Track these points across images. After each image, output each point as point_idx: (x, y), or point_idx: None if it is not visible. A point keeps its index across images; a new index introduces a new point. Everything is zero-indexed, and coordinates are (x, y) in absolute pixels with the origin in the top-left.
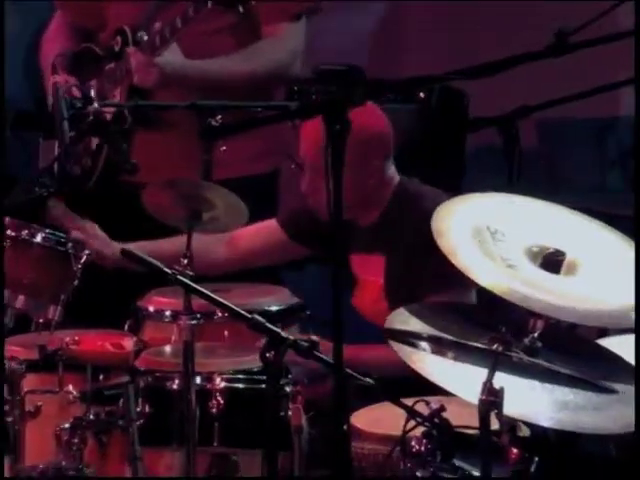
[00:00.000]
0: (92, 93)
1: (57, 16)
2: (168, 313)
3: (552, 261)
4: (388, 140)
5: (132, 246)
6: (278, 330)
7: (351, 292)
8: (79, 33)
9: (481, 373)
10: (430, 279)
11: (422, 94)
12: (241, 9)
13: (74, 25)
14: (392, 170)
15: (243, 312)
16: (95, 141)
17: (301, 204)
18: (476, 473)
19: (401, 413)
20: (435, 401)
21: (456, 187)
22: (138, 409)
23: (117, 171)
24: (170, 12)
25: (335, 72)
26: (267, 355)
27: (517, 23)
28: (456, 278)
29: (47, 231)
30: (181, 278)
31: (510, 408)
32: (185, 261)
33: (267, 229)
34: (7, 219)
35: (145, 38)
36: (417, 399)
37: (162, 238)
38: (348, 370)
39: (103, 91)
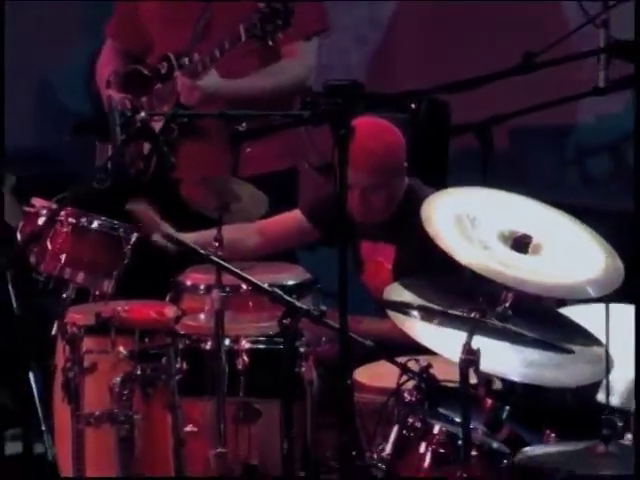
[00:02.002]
0: (143, 107)
1: (108, 43)
2: (202, 287)
3: (520, 243)
4: (405, 151)
5: (194, 235)
6: (293, 301)
7: (355, 271)
8: (126, 57)
9: (461, 336)
10: (436, 266)
11: (413, 105)
12: (270, 43)
13: (123, 51)
14: (404, 176)
15: (264, 286)
16: (147, 148)
17: (323, 196)
18: (457, 419)
19: (395, 369)
20: (423, 360)
21: (441, 183)
22: (177, 366)
23: (161, 169)
24: (207, 41)
25: (341, 87)
26: (284, 322)
27: (492, 44)
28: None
29: (102, 218)
30: (213, 257)
31: (485, 365)
32: (216, 244)
33: (292, 219)
34: (69, 208)
35: (187, 63)
36: (409, 358)
37: (196, 224)
38: (351, 334)
39: (153, 107)
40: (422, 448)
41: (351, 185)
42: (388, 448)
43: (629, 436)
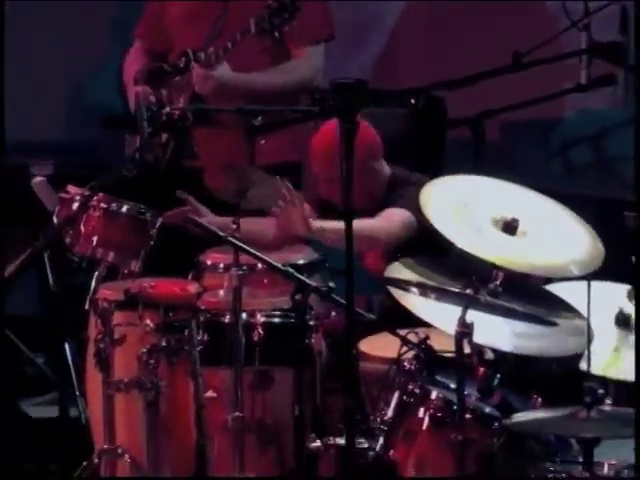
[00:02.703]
0: (163, 99)
1: (136, 44)
2: (221, 265)
3: (510, 226)
4: (377, 146)
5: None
6: (304, 278)
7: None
8: (151, 55)
9: (456, 311)
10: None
11: (412, 101)
12: (277, 34)
13: (149, 50)
14: (384, 166)
15: (278, 265)
16: (164, 136)
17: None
18: (452, 386)
19: (396, 341)
20: (422, 332)
21: (438, 171)
22: (199, 338)
23: (182, 158)
24: (221, 40)
25: (346, 84)
26: (296, 297)
27: (484, 44)
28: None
29: (131, 204)
30: (231, 239)
31: (478, 337)
32: (234, 226)
33: None
34: (100, 194)
35: (203, 57)
36: (409, 330)
37: (217, 208)
38: (357, 309)
39: (171, 98)
40: (421, 412)
41: (327, 179)
42: (390, 412)
43: (608, 402)
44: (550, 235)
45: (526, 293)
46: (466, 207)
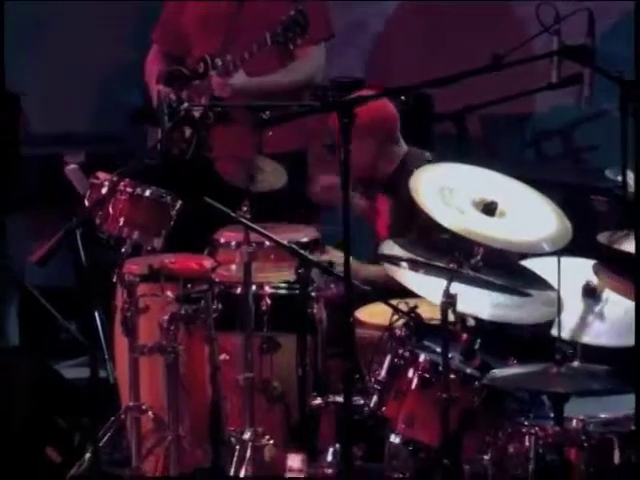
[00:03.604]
0: (184, 99)
1: (154, 47)
2: (233, 243)
3: (489, 208)
4: (393, 122)
5: None
6: (306, 254)
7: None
8: (168, 58)
9: (442, 283)
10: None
11: (403, 97)
12: (292, 46)
13: (165, 53)
14: (401, 142)
15: (284, 242)
16: (187, 132)
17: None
18: (438, 350)
19: (389, 310)
20: (411, 302)
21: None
22: (213, 307)
23: (199, 149)
24: (236, 45)
25: (344, 82)
26: (299, 271)
27: (467, 47)
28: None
29: (153, 188)
30: (242, 219)
31: (461, 306)
32: (245, 208)
33: None
34: (126, 180)
35: (220, 64)
36: (399, 300)
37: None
38: (354, 281)
39: (192, 99)
40: (410, 373)
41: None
42: (383, 373)
43: (576, 362)
44: (524, 216)
45: (503, 267)
46: (451, 191)
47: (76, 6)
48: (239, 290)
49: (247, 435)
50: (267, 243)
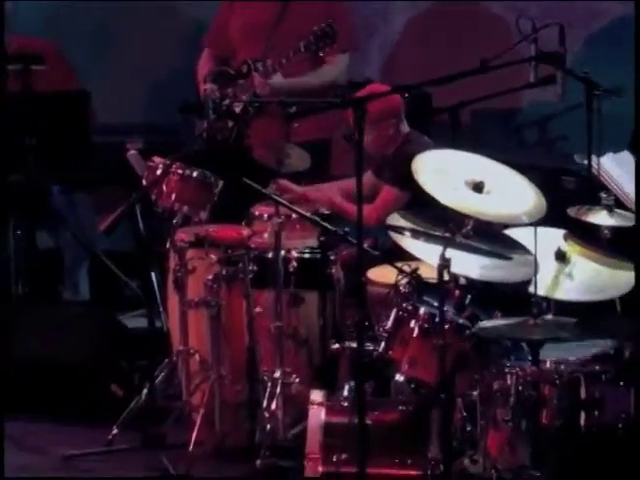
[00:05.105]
0: (229, 96)
1: (205, 51)
2: (266, 215)
3: (478, 187)
4: (397, 105)
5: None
6: (327, 225)
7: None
8: (217, 60)
9: (438, 249)
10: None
11: (405, 95)
12: (321, 54)
13: (215, 55)
14: (404, 124)
15: (307, 214)
16: (230, 123)
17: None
18: (435, 304)
19: (394, 271)
20: (413, 264)
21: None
22: (249, 268)
23: (239, 138)
24: (275, 51)
25: (359, 83)
26: (320, 239)
27: (460, 53)
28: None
29: (199, 170)
30: (273, 196)
31: (454, 268)
32: (274, 186)
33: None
34: (177, 163)
35: (261, 67)
36: (404, 263)
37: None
38: (365, 247)
39: (236, 96)
40: (412, 324)
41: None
42: (389, 323)
43: (549, 314)
44: (507, 193)
45: (489, 236)
46: (445, 173)
47: (136, 18)
48: (270, 254)
49: (277, 374)
50: (293, 215)
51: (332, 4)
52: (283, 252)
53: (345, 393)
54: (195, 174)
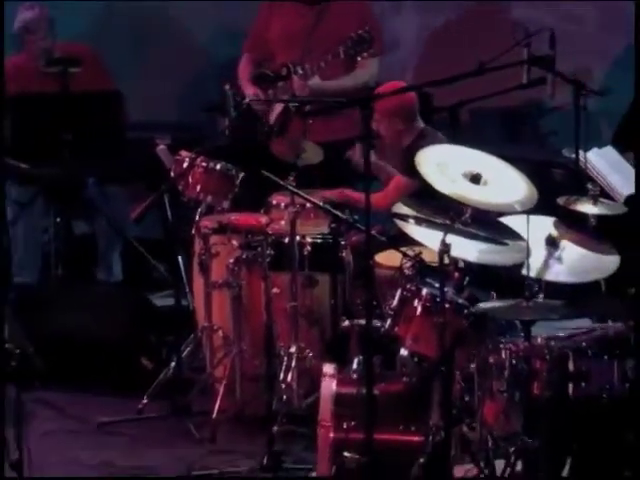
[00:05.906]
0: (270, 96)
1: (245, 56)
2: (282, 204)
3: (475, 178)
4: (410, 105)
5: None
6: (338, 213)
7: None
8: (256, 64)
9: (439, 235)
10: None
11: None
12: (359, 58)
13: (255, 59)
14: (418, 120)
15: (320, 203)
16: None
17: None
18: (437, 285)
19: (399, 255)
20: (417, 249)
21: None
22: (268, 252)
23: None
24: (312, 55)
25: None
26: (332, 225)
27: (460, 55)
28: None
29: (222, 162)
30: (290, 187)
31: (454, 252)
32: (291, 178)
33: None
34: (202, 156)
35: (300, 71)
36: (408, 247)
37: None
38: (373, 233)
39: (277, 96)
40: (415, 303)
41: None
42: (395, 303)
43: (541, 296)
44: (502, 184)
45: (486, 223)
46: (446, 166)
47: (166, 26)
48: (287, 240)
49: (293, 349)
50: (308, 205)
51: (365, 9)
52: (298, 238)
53: (354, 366)
54: (218, 167)
